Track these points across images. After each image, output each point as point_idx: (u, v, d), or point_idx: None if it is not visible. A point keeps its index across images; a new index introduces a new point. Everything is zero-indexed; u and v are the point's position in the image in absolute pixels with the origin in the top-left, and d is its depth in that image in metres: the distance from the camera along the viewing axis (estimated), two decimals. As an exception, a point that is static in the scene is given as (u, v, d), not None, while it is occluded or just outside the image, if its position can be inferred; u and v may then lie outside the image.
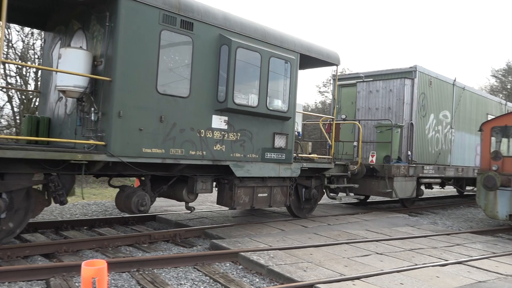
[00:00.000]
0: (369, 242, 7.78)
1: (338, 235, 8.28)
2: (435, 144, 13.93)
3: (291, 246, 6.93)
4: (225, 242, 6.98)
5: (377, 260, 6.48)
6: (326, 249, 7.01)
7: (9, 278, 4.92)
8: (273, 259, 6.09)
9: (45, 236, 7.29)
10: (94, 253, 6.52)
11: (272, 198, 8.75)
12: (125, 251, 6.78)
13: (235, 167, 7.84)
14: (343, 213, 11.38)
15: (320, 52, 9.47)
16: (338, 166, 10.76)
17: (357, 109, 13.62)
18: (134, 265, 5.63)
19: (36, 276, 5.08)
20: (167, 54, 6.79)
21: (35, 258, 6.08)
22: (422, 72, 13.10)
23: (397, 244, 7.82)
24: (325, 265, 5.98)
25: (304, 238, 7.77)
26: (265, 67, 8.02)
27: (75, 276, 5.22)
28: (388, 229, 9.38)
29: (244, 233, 7.91)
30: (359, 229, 9.15)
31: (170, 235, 7.63)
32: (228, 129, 7.70)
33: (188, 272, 5.70)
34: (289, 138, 8.77)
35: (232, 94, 7.45)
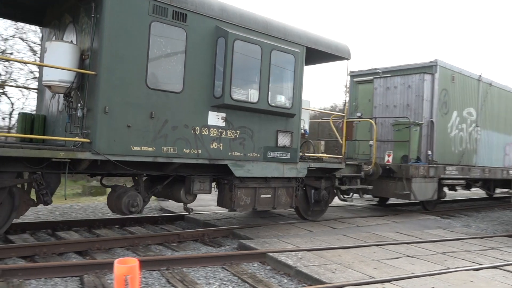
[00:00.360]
0: (399, 244, 7.55)
1: (367, 237, 8.07)
2: (459, 143, 13.09)
3: (319, 247, 6.82)
4: (253, 243, 6.94)
5: (408, 263, 6.28)
6: (355, 251, 6.86)
7: (46, 274, 5.06)
8: (301, 260, 6.01)
9: (78, 234, 7.49)
10: (125, 251, 6.62)
11: (276, 199, 8.27)
12: (155, 249, 6.86)
13: (234, 167, 7.42)
14: (372, 215, 11.06)
15: (329, 45, 8.93)
16: (351, 166, 10.17)
17: (374, 106, 12.94)
18: (164, 264, 5.69)
19: (71, 272, 5.21)
20: (158, 47, 6.43)
21: (69, 255, 6.24)
22: (443, 67, 12.31)
23: (429, 247, 7.54)
24: (354, 267, 5.85)
25: (332, 239, 7.64)
26: (266, 60, 7.57)
27: (107, 273, 5.29)
28: (419, 231, 9.09)
29: (272, 234, 7.82)
30: (388, 231, 8.86)
31: (198, 235, 7.65)
32: (226, 126, 7.28)
33: (216, 272, 5.74)
34: (294, 136, 8.28)
35: (230, 89, 7.03)
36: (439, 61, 12.14)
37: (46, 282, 4.95)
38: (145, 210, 10.57)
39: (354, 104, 14.07)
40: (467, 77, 13.32)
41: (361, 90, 13.95)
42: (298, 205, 9.25)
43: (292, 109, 8.04)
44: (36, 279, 5.00)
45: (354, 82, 14.18)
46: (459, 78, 12.97)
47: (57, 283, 4.97)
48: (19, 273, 4.94)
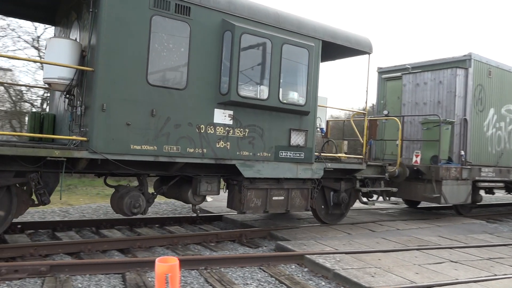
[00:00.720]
0: (442, 249, 7.32)
1: (408, 240, 7.86)
2: (496, 143, 12.13)
3: (358, 250, 6.71)
4: (291, 244, 6.90)
5: (451, 268, 6.08)
6: (396, 254, 6.69)
7: (90, 270, 5.23)
8: (339, 263, 5.93)
9: (121, 232, 7.65)
10: (165, 250, 6.73)
11: (289, 202, 7.85)
12: (193, 249, 6.95)
13: (243, 167, 7.07)
14: (413, 218, 10.77)
15: (348, 38, 8.41)
16: (373, 167, 9.57)
17: (403, 104, 12.22)
18: (202, 263, 5.74)
19: (113, 269, 5.33)
20: (160, 42, 6.19)
21: (112, 253, 6.41)
22: (478, 61, 11.44)
23: (474, 252, 7.27)
24: (394, 272, 5.70)
25: (371, 242, 7.49)
26: (276, 55, 7.17)
27: (148, 271, 5.40)
28: (464, 236, 8.74)
29: (310, 236, 7.76)
30: (431, 235, 8.59)
31: (236, 235, 7.69)
32: (233, 124, 6.95)
33: (254, 273, 5.74)
34: (308, 135, 7.83)
35: (236, 86, 6.69)
36: (473, 54, 11.29)
37: (91, 278, 5.09)
38: (184, 210, 10.76)
39: (382, 102, 13.38)
40: (506, 71, 12.34)
41: (390, 87, 13.24)
42: (315, 208, 8.80)
43: (305, 106, 7.59)
44: (81, 275, 5.16)
45: (382, 79, 13.49)
46: (496, 73, 12.02)
47: (101, 279, 5.11)
48: (66, 269, 5.13)
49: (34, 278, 4.91)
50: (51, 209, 9.98)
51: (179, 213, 10.35)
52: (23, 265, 4.99)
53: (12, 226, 7.15)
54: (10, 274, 4.83)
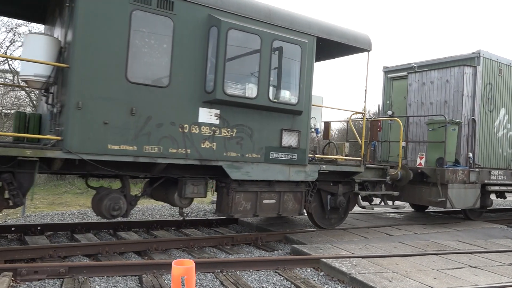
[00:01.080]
0: (461, 254, 7.16)
1: (426, 245, 7.73)
2: (508, 144, 11.57)
3: (375, 255, 6.59)
4: (306, 248, 6.84)
5: (471, 274, 5.92)
6: (413, 259, 6.55)
7: (108, 272, 5.28)
8: (355, 267, 5.86)
9: (137, 235, 7.76)
10: (181, 253, 6.78)
11: (281, 205, 7.51)
12: (209, 251, 6.98)
13: (230, 168, 6.77)
14: (432, 223, 10.56)
15: (344, 35, 8.05)
16: (374, 170, 9.17)
17: (408, 104, 11.76)
18: (218, 266, 5.74)
19: (131, 272, 5.38)
20: (141, 38, 5.95)
21: (129, 255, 6.48)
22: (488, 59, 10.92)
23: (494, 257, 7.09)
24: (412, 276, 5.59)
25: (388, 246, 7.38)
26: (266, 52, 6.86)
27: (164, 273, 5.43)
28: (483, 240, 8.52)
29: (326, 239, 7.71)
30: (449, 240, 8.41)
31: (252, 238, 7.67)
32: (220, 124, 6.66)
33: (269, 276, 5.71)
34: (302, 135, 7.49)
35: (222, 84, 6.40)
36: (482, 51, 10.78)
37: (108, 280, 5.14)
38: (200, 213, 10.83)
39: (388, 102, 12.93)
40: (518, 70, 11.76)
41: (396, 87, 12.79)
42: (311, 212, 8.45)
43: (298, 105, 7.25)
44: (99, 276, 5.20)
45: (388, 79, 13.04)
46: (508, 71, 11.47)
47: (118, 281, 5.15)
48: (84, 271, 5.18)
49: (53, 279, 5.00)
50: (70, 211, 10.15)
51: (195, 216, 10.38)
52: (43, 266, 5.07)
53: (32, 228, 7.40)
54: (30, 275, 4.92)
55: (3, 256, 5.66)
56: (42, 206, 11.04)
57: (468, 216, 11.47)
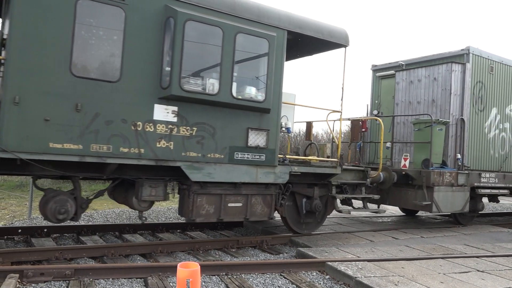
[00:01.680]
0: (468, 258, 7.10)
1: (433, 248, 7.66)
2: (500, 146, 11.05)
3: (380, 258, 6.55)
4: (312, 251, 6.83)
5: (478, 278, 5.86)
6: (419, 263, 6.50)
7: (113, 274, 5.28)
8: (361, 270, 5.82)
9: (143, 237, 7.77)
10: (186, 255, 6.76)
11: (249, 209, 7.07)
12: (214, 254, 6.97)
13: (190, 170, 6.35)
14: (439, 226, 10.50)
15: (319, 29, 7.61)
16: (355, 172, 8.70)
17: (396, 103, 11.27)
18: (223, 269, 5.72)
19: (136, 274, 5.38)
20: (87, 29, 5.55)
21: (135, 257, 6.50)
22: (478, 55, 10.43)
23: (502, 261, 7.00)
24: (418, 280, 5.54)
25: (394, 250, 7.34)
26: (229, 45, 6.44)
27: (169, 276, 5.43)
28: (491, 244, 8.46)
29: (331, 243, 7.70)
30: (456, 243, 8.34)
31: (257, 241, 7.66)
32: (178, 122, 6.24)
33: (274, 279, 5.68)
34: (270, 134, 7.05)
35: (179, 79, 5.99)
36: (472, 48, 10.29)
37: (114, 282, 5.15)
38: None
39: (377, 102, 12.45)
40: (511, 67, 11.25)
41: (384, 86, 12.31)
42: (285, 216, 8.00)
43: (265, 103, 6.82)
44: (104, 279, 5.21)
45: (376, 77, 12.57)
46: (500, 69, 10.96)
47: (124, 283, 5.17)
48: (90, 273, 5.20)
49: (59, 281, 5.02)
50: None
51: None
52: (49, 268, 5.09)
53: (39, 230, 7.43)
54: (36, 277, 4.96)
55: (10, 258, 5.71)
56: None
57: (458, 221, 10.95)
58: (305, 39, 7.79)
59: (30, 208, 9.79)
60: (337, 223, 10.36)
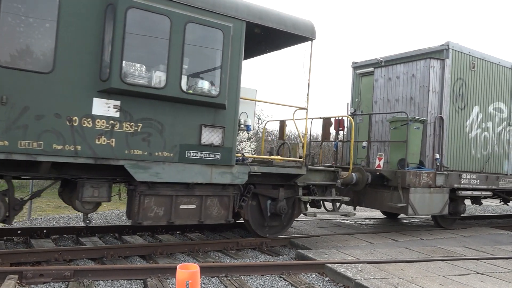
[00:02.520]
0: (468, 260, 7.06)
1: (432, 251, 7.67)
2: (482, 146, 10.60)
3: (380, 260, 6.54)
4: (311, 253, 6.83)
5: (478, 280, 5.84)
6: (419, 265, 6.48)
7: (113, 276, 5.27)
8: (361, 272, 5.79)
9: (142, 239, 7.69)
10: (186, 257, 6.72)
11: (204, 211, 6.61)
12: (214, 256, 6.92)
13: (135, 169, 5.90)
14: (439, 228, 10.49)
15: (281, 21, 7.17)
16: (325, 172, 8.24)
17: (374, 101, 10.84)
18: (223, 271, 5.69)
19: (135, 275, 5.35)
20: (15, 15, 5.10)
21: (134, 259, 6.46)
22: (458, 51, 9.99)
23: (501, 264, 6.99)
24: (418, 282, 5.52)
25: (394, 252, 7.36)
26: (177, 35, 6.00)
27: (169, 277, 5.41)
28: (490, 247, 8.45)
29: (331, 245, 7.71)
30: (456, 246, 8.34)
31: (256, 243, 7.59)
32: (121, 117, 5.79)
33: (274, 281, 5.65)
34: (227, 132, 6.60)
35: (120, 70, 5.54)
36: (452, 43, 9.86)
37: (113, 284, 5.13)
38: None
39: (357, 101, 12.01)
40: (494, 64, 10.83)
41: (365, 83, 11.87)
42: (248, 219, 7.55)
43: (219, 98, 6.36)
44: (104, 280, 5.19)
45: (357, 75, 12.14)
46: (482, 66, 10.53)
47: (123, 285, 5.15)
48: (89, 274, 5.18)
49: (59, 282, 5.00)
50: (75, 215, 10.08)
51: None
52: (48, 269, 5.08)
53: (38, 231, 7.37)
54: (36, 278, 4.95)
55: (9, 259, 5.67)
56: (48, 209, 11.05)
57: (439, 224, 10.50)
58: (268, 31, 7.37)
59: (29, 209, 9.67)
60: (337, 225, 10.40)
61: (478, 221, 13.35)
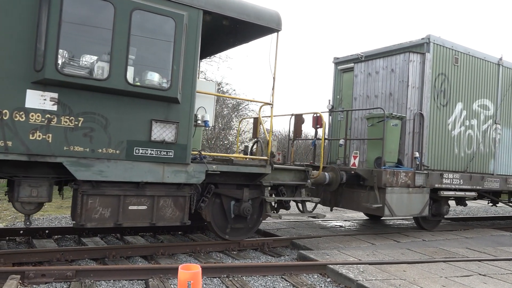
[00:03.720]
0: (470, 261, 7.05)
1: (434, 252, 7.64)
2: (466, 144, 10.14)
3: (382, 261, 6.52)
4: (313, 254, 6.82)
5: (480, 282, 5.82)
6: (421, 266, 6.48)
7: (115, 276, 5.28)
8: (363, 273, 5.79)
9: (144, 239, 7.66)
10: (188, 257, 6.72)
11: (156, 212, 6.18)
12: (215, 257, 6.91)
13: (75, 167, 5.47)
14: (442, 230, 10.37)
15: (243, 10, 6.74)
16: (294, 172, 7.80)
17: (354, 97, 10.39)
18: (224, 271, 5.70)
19: (137, 276, 5.36)
20: None
21: (136, 259, 6.46)
22: (440, 45, 9.54)
23: (504, 265, 6.97)
24: (420, 284, 5.51)
25: (396, 253, 7.32)
26: (123, 24, 5.57)
27: (170, 278, 5.41)
28: (493, 248, 8.41)
29: (332, 245, 7.69)
30: (458, 247, 8.29)
31: (258, 244, 7.59)
32: (59, 111, 5.37)
33: (276, 282, 5.64)
34: (181, 128, 6.17)
35: (55, 60, 5.12)
36: (433, 37, 9.41)
37: (115, 284, 5.14)
38: None
39: (338, 97, 11.57)
40: (479, 59, 10.37)
41: (346, 79, 11.44)
42: (210, 220, 7.12)
43: (170, 91, 5.93)
44: (105, 280, 5.20)
45: (338, 71, 11.70)
46: (465, 61, 10.07)
47: (125, 285, 5.15)
48: (91, 274, 5.19)
49: (61, 283, 5.01)
50: None
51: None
52: (50, 269, 5.12)
53: (40, 231, 7.35)
54: (38, 278, 4.96)
55: (11, 259, 5.69)
56: (50, 209, 10.94)
57: (421, 226, 10.04)
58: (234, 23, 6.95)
59: None
60: (339, 226, 10.38)
61: (480, 222, 13.32)
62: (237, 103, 22.25)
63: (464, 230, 10.48)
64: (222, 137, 20.87)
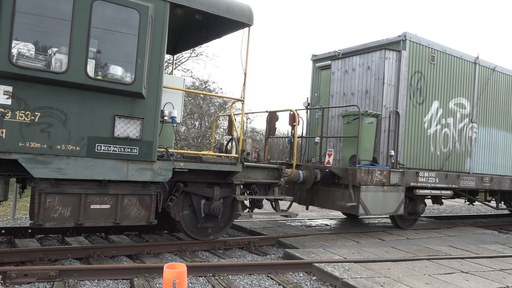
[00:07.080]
0: (453, 259, 7.16)
1: (418, 250, 7.73)
2: (442, 143, 10.12)
3: (367, 259, 6.58)
4: (299, 252, 6.83)
5: (462, 279, 5.91)
6: (405, 264, 6.54)
7: (99, 276, 5.21)
8: (348, 271, 5.81)
9: (129, 238, 7.60)
10: (173, 257, 6.68)
11: (120, 211, 5.96)
12: (201, 256, 6.88)
13: (32, 164, 5.22)
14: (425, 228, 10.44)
15: (213, 3, 6.55)
16: (268, 170, 7.65)
17: (331, 95, 10.28)
18: (210, 270, 5.68)
19: (122, 275, 5.30)
20: None
21: (121, 259, 6.38)
22: (416, 43, 9.48)
23: (485, 262, 7.09)
24: (404, 281, 5.57)
25: (381, 251, 7.38)
26: (82, 14, 5.33)
27: (156, 277, 5.38)
28: (475, 246, 8.55)
29: (318, 244, 7.69)
30: (441, 245, 8.40)
31: (244, 243, 7.60)
32: (14, 105, 5.11)
33: (261, 280, 5.66)
34: (146, 124, 5.96)
35: (8, 51, 4.87)
36: (409, 34, 9.34)
37: (99, 284, 5.08)
38: None
39: (316, 95, 11.46)
40: (456, 58, 10.35)
41: (324, 77, 11.33)
42: (180, 220, 6.92)
43: (134, 85, 5.71)
44: (90, 280, 5.14)
45: (316, 68, 11.59)
46: (442, 59, 10.04)
47: (109, 285, 5.09)
48: (75, 274, 5.12)
49: (43, 283, 4.93)
50: None
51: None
52: (33, 269, 5.01)
53: (22, 230, 7.21)
54: (20, 278, 4.87)
55: None
56: None
57: (398, 225, 10.00)
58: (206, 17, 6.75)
59: (14, 208, 9.38)
60: (325, 225, 10.39)
61: (463, 220, 13.47)
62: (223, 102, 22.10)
63: (447, 229, 10.62)
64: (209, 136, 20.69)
